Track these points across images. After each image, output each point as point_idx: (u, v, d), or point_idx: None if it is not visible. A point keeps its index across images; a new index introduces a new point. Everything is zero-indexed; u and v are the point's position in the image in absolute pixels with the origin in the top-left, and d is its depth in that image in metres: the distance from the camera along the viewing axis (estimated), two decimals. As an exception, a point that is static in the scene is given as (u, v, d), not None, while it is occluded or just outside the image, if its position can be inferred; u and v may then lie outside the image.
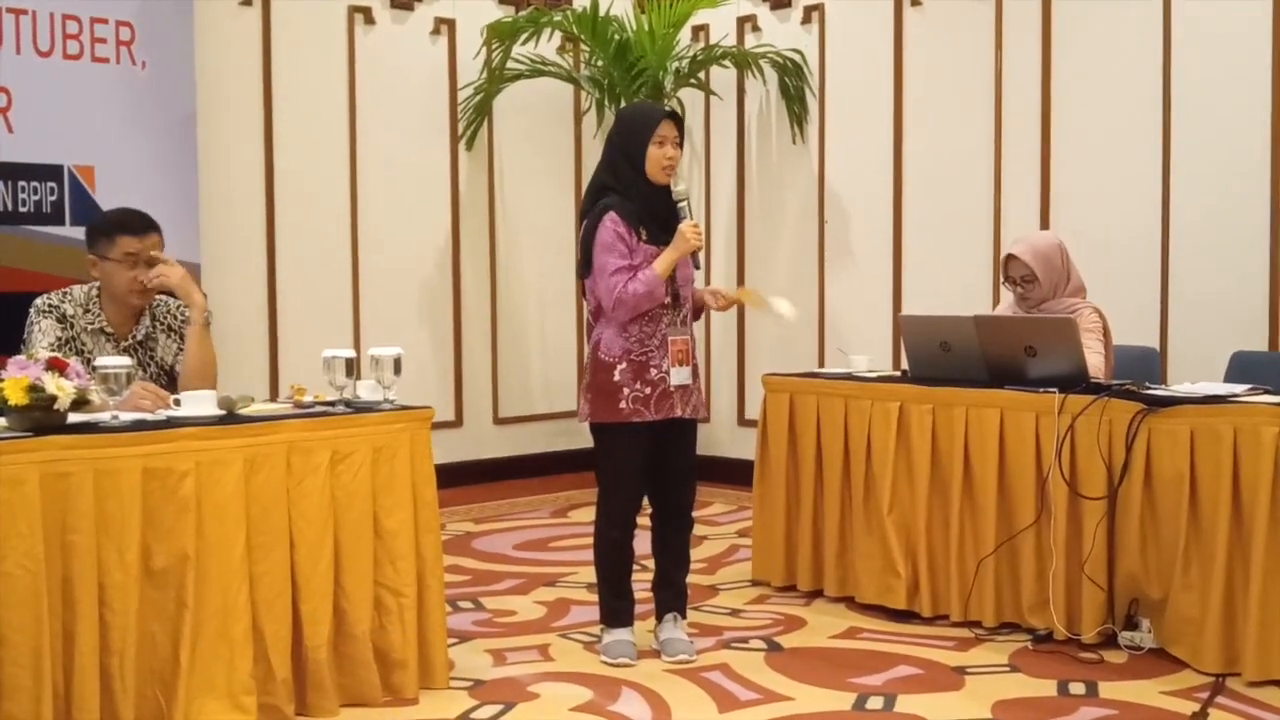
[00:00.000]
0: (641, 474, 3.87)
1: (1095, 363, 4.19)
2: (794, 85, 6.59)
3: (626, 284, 3.73)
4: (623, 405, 3.79)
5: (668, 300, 3.82)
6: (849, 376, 4.63)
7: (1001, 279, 4.52)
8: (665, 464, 3.92)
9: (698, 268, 3.92)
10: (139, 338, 3.78)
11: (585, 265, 3.83)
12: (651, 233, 3.79)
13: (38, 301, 3.72)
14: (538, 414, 7.17)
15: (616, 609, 3.96)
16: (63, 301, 3.72)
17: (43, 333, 3.64)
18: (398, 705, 3.51)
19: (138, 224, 3.74)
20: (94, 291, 3.76)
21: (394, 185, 6.58)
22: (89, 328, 3.71)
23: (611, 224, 3.76)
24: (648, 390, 3.80)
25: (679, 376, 3.82)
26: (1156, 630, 3.89)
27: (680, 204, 3.79)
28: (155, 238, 3.74)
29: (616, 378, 3.80)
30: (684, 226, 3.76)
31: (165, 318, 3.83)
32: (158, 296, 3.79)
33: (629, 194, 3.80)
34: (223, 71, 5.97)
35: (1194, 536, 3.74)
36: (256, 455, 3.31)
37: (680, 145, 3.83)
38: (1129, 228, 5.59)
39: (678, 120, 3.84)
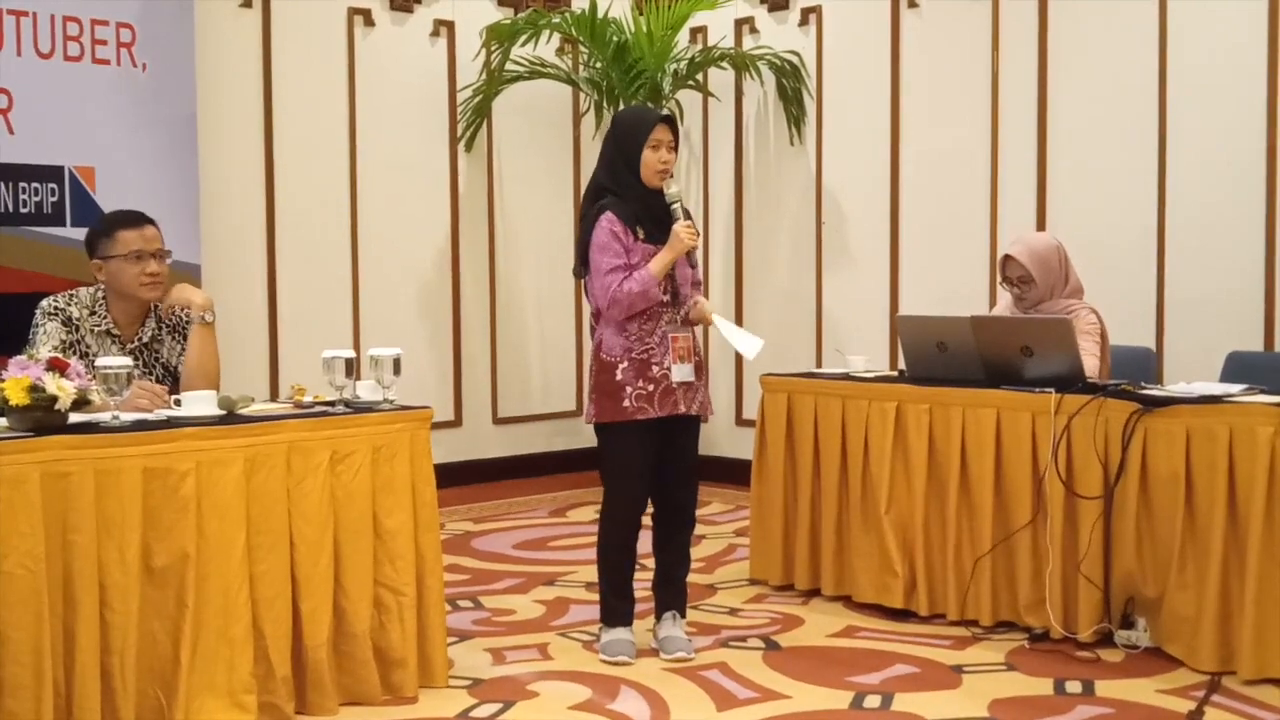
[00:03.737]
0: (646, 473, 3.88)
1: (1091, 366, 4.20)
2: (791, 87, 6.60)
3: (621, 283, 3.76)
4: (626, 404, 3.80)
5: (666, 298, 3.84)
6: (846, 377, 4.64)
7: (998, 279, 4.54)
8: (668, 462, 3.93)
9: (694, 265, 3.96)
10: (144, 340, 3.78)
11: (583, 265, 3.87)
12: (649, 232, 3.82)
13: (43, 304, 3.71)
14: (537, 414, 7.18)
15: (617, 609, 3.97)
16: (68, 304, 3.71)
17: (47, 336, 3.63)
18: (397, 704, 3.52)
19: (133, 218, 3.77)
20: (99, 294, 3.75)
21: (393, 186, 6.59)
22: (95, 330, 3.71)
23: (608, 224, 3.80)
24: (650, 388, 3.81)
25: (681, 373, 3.83)
26: (1152, 629, 3.90)
27: (673, 205, 3.81)
28: (153, 229, 3.76)
29: (619, 377, 3.81)
30: (678, 227, 3.78)
31: (170, 319, 3.84)
32: None
33: (626, 196, 3.84)
34: (223, 73, 5.98)
35: (1190, 536, 3.76)
36: (257, 455, 3.32)
37: (675, 149, 3.85)
38: (1125, 228, 5.60)
39: (673, 124, 3.87)
